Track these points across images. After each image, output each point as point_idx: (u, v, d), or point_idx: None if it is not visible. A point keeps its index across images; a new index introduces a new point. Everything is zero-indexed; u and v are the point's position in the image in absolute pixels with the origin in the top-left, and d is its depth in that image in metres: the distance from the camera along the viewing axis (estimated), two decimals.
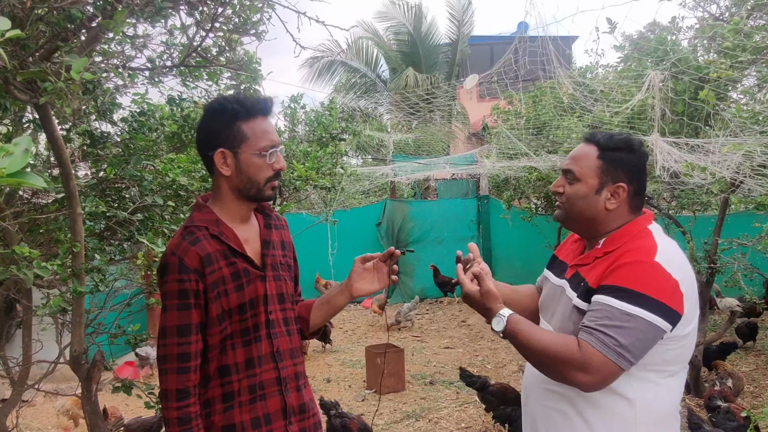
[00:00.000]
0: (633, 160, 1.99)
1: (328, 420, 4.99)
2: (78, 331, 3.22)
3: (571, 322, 1.93)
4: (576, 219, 2.05)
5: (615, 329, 1.74)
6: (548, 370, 1.87)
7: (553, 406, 1.99)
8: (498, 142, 10.35)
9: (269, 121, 2.09)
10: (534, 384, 2.09)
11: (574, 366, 1.76)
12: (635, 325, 1.74)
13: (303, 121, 8.01)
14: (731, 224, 6.81)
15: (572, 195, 2.02)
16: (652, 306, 1.75)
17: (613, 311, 1.76)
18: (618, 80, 6.82)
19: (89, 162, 3.79)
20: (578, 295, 1.93)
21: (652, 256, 1.82)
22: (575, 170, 2.02)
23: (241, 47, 3.34)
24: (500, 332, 1.90)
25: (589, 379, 1.76)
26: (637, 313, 1.74)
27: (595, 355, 1.73)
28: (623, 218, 1.99)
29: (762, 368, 6.99)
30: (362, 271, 2.26)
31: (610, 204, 1.97)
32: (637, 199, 2.01)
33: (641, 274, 1.79)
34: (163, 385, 1.98)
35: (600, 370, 1.74)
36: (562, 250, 2.28)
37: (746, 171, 4.73)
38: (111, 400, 6.01)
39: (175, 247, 2.00)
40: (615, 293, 1.79)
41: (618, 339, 1.73)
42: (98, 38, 2.61)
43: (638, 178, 1.99)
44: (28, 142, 0.98)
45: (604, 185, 1.97)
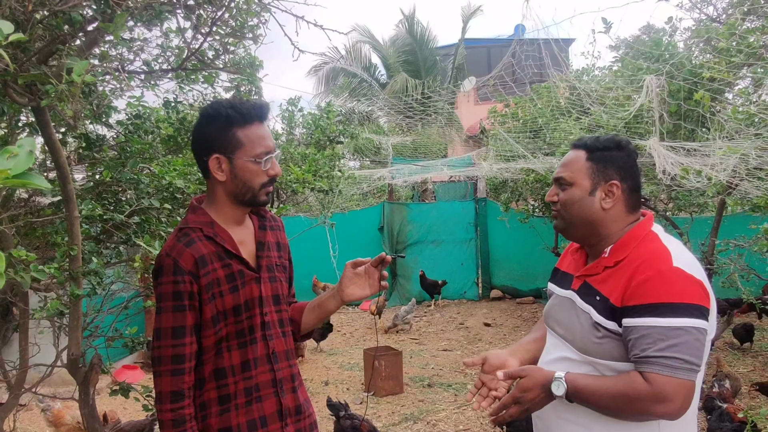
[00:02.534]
0: (623, 157, 1.98)
1: (337, 421, 4.97)
2: (75, 335, 3.22)
3: (592, 337, 1.88)
4: (575, 224, 2.01)
5: (673, 349, 1.70)
6: (626, 414, 1.81)
7: (569, 418, 1.94)
8: (495, 145, 10.36)
9: (265, 127, 2.09)
10: None
11: (652, 401, 1.71)
12: (688, 337, 1.70)
13: (300, 124, 8.02)
14: (728, 226, 6.83)
15: (567, 200, 2.00)
16: (692, 312, 1.72)
17: (661, 331, 1.72)
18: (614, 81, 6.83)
19: (85, 165, 3.79)
20: (599, 311, 1.87)
21: (669, 262, 1.79)
22: (566, 176, 2.01)
23: (242, 48, 3.35)
24: (563, 395, 1.85)
25: (672, 408, 1.70)
26: (684, 324, 1.71)
27: (667, 383, 1.69)
28: (622, 218, 1.97)
29: (759, 369, 7.00)
30: (353, 276, 2.25)
31: (606, 203, 1.95)
32: (633, 197, 1.98)
33: (669, 284, 1.76)
34: (157, 387, 1.98)
35: (678, 394, 1.70)
36: (563, 262, 2.24)
37: (741, 173, 4.74)
38: (109, 404, 6.01)
39: (169, 248, 2.00)
40: (654, 312, 1.74)
41: (681, 357, 1.70)
42: (97, 41, 2.62)
43: (631, 175, 1.98)
44: (32, 143, 0.99)
45: (597, 185, 1.96)
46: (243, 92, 3.68)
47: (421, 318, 11.23)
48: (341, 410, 5.02)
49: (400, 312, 10.23)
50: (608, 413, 1.85)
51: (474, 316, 11.09)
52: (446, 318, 11.18)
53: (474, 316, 11.16)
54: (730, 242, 6.05)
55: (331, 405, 5.15)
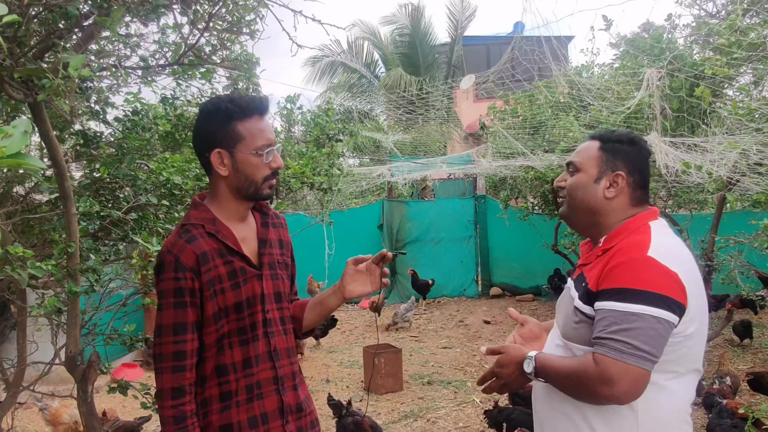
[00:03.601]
0: (633, 152, 2.01)
1: (339, 420, 4.96)
2: (73, 332, 3.20)
3: (573, 321, 1.91)
4: (578, 210, 2.04)
5: (623, 333, 1.71)
6: (580, 394, 1.83)
7: (558, 408, 1.96)
8: (495, 142, 10.34)
9: (265, 120, 2.08)
10: (540, 386, 2.07)
11: (597, 382, 1.72)
12: (643, 323, 1.70)
13: (299, 121, 8.00)
14: (728, 222, 6.82)
15: (573, 184, 2.04)
16: (653, 300, 1.71)
17: (617, 314, 1.73)
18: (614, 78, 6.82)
19: (83, 162, 3.77)
20: (579, 296, 1.92)
21: (644, 251, 1.79)
22: (576, 161, 2.05)
23: (239, 45, 3.33)
24: (532, 373, 1.91)
25: (616, 391, 1.70)
26: (640, 311, 1.71)
27: (613, 365, 1.70)
28: (624, 211, 1.98)
29: (759, 366, 6.99)
30: (354, 273, 2.24)
31: (609, 192, 1.97)
32: (638, 192, 2.00)
33: (635, 271, 1.77)
34: (158, 384, 1.98)
35: (623, 379, 1.69)
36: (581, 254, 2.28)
37: (742, 169, 4.73)
38: (108, 402, 6.00)
39: (171, 245, 2.00)
40: (614, 296, 1.76)
41: (630, 342, 1.69)
42: (93, 36, 2.60)
43: (639, 171, 2.00)
44: (27, 124, 0.97)
45: (603, 174, 1.99)
46: (241, 89, 3.66)
47: (421, 315, 11.22)
48: (342, 408, 5.01)
49: (400, 310, 10.23)
50: (568, 393, 1.88)
51: (473, 314, 11.08)
52: (446, 315, 11.17)
53: (474, 313, 11.16)
54: (730, 239, 6.04)
55: (332, 404, 5.14)
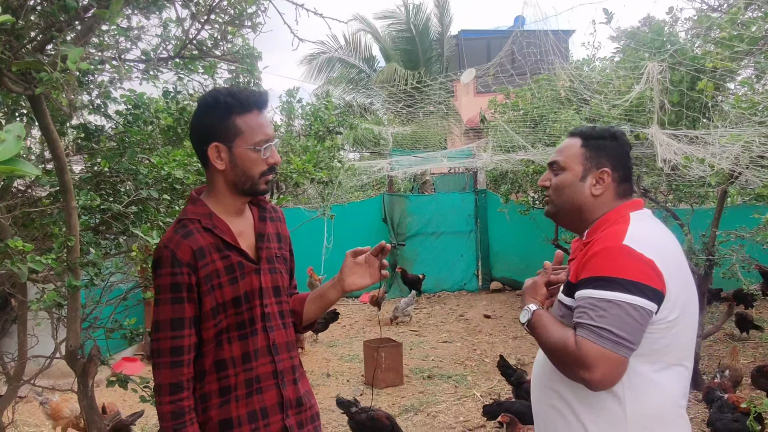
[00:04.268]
0: (616, 147, 2.04)
1: (351, 418, 4.96)
2: (74, 326, 3.20)
3: (558, 315, 1.96)
4: (565, 209, 2.06)
5: (601, 319, 1.73)
6: (558, 363, 1.86)
7: (550, 403, 1.99)
8: (495, 136, 10.32)
9: (264, 115, 2.07)
10: (537, 381, 2.10)
11: (575, 364, 1.74)
12: (618, 311, 1.72)
13: (300, 115, 7.99)
14: (729, 216, 6.81)
15: (558, 184, 2.06)
16: (628, 287, 1.74)
17: (594, 301, 1.76)
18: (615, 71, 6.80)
19: (84, 155, 3.76)
20: (563, 290, 1.97)
21: (620, 240, 1.82)
22: (560, 160, 2.07)
23: (241, 38, 3.32)
24: (524, 324, 1.95)
25: (593, 376, 1.72)
26: (616, 298, 1.73)
27: (591, 349, 1.71)
28: (609, 205, 2.01)
29: (760, 360, 6.99)
30: (354, 265, 2.23)
31: (596, 190, 1.99)
32: (623, 186, 2.03)
33: (611, 259, 1.79)
34: (156, 379, 1.98)
35: (601, 363, 1.71)
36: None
37: (745, 162, 4.72)
38: (109, 396, 6.00)
39: (167, 240, 1.99)
40: (591, 284, 1.80)
41: (607, 327, 1.71)
42: (93, 29, 2.58)
43: (623, 165, 2.03)
44: (20, 128, 0.96)
45: (588, 171, 2.01)
46: (242, 83, 3.65)
47: (421, 310, 11.23)
48: (352, 406, 5.01)
49: (401, 304, 10.23)
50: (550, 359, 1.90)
51: (474, 308, 11.09)
52: (446, 310, 11.18)
53: (474, 308, 11.16)
54: (732, 233, 6.03)
55: (341, 402, 5.13)
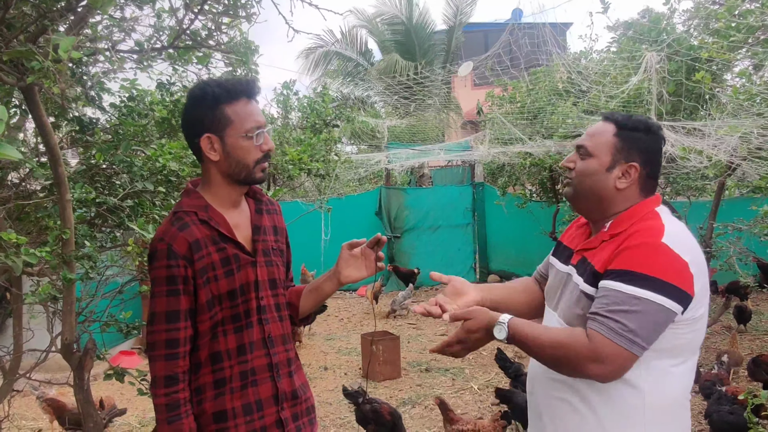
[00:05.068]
0: (649, 142, 1.94)
1: (357, 408, 4.97)
2: (69, 320, 3.18)
3: (578, 307, 1.87)
4: (584, 196, 1.98)
5: (623, 314, 1.68)
6: (561, 367, 1.81)
7: (558, 396, 1.93)
8: (493, 129, 10.31)
9: (254, 103, 2.05)
10: (539, 374, 2.04)
11: (587, 358, 1.70)
12: (644, 308, 1.68)
13: (296, 107, 7.97)
14: (726, 209, 6.82)
15: (583, 170, 1.97)
16: (660, 288, 1.68)
17: (620, 296, 1.71)
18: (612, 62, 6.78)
19: (79, 148, 3.74)
20: (585, 279, 1.88)
21: (658, 237, 1.76)
22: (589, 146, 1.97)
23: (237, 30, 3.30)
24: (504, 340, 1.85)
25: (604, 370, 1.69)
26: (645, 296, 1.68)
27: (606, 345, 1.68)
28: (632, 200, 1.93)
29: (757, 352, 7.00)
30: (349, 258, 2.23)
31: (621, 183, 1.91)
32: (649, 182, 1.95)
33: (648, 256, 1.73)
34: (152, 372, 1.98)
35: (614, 360, 1.68)
36: (566, 235, 2.22)
37: (743, 154, 4.71)
38: (106, 390, 6.00)
39: (163, 233, 1.98)
40: (621, 277, 1.73)
41: (627, 324, 1.67)
42: (86, 19, 2.56)
43: (653, 161, 1.94)
44: (2, 112, 0.94)
45: (616, 163, 1.92)
46: (239, 74, 3.62)
47: (419, 303, 11.20)
48: (359, 397, 5.02)
49: (398, 297, 10.22)
50: (546, 363, 1.85)
51: None
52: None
53: None
54: (729, 225, 6.03)
55: (348, 393, 5.13)
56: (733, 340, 6.07)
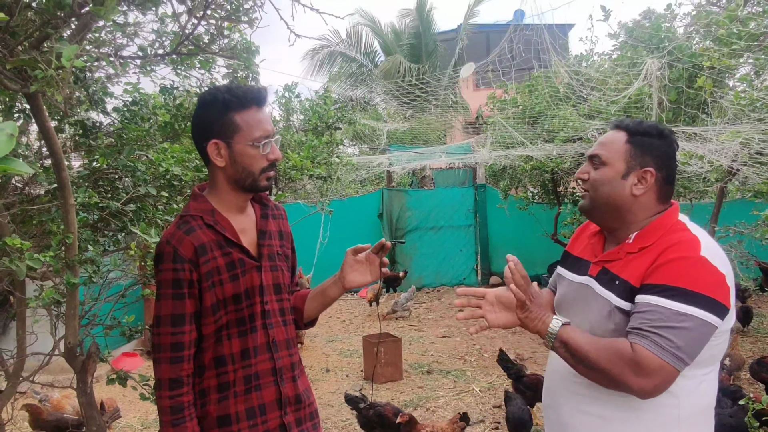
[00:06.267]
0: (663, 146, 1.92)
1: (359, 413, 4.96)
2: (72, 323, 3.20)
3: (611, 322, 1.83)
4: (601, 206, 1.96)
5: (669, 330, 1.66)
6: (601, 377, 1.77)
7: (587, 410, 1.91)
8: (494, 132, 10.32)
9: (263, 111, 2.06)
10: (561, 387, 2.01)
11: (630, 371, 1.68)
12: (690, 324, 1.66)
13: (298, 110, 7.98)
14: (727, 212, 6.82)
15: (598, 180, 1.95)
16: (704, 303, 1.67)
17: (665, 312, 1.68)
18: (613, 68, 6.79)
19: (82, 152, 3.75)
20: (618, 294, 1.84)
21: (697, 251, 1.74)
22: (602, 154, 1.95)
23: (239, 33, 3.31)
24: (552, 335, 1.83)
25: (648, 385, 1.68)
26: (691, 312, 1.67)
27: (651, 359, 1.66)
28: (651, 207, 1.91)
29: (758, 355, 7.00)
30: (354, 263, 2.24)
31: (637, 189, 1.89)
32: (666, 188, 1.93)
33: (690, 271, 1.71)
34: (156, 374, 1.99)
35: (657, 374, 1.67)
36: (576, 246, 2.19)
37: (744, 159, 4.71)
38: (109, 392, 6.01)
39: (170, 236, 2.00)
40: (664, 293, 1.71)
41: (674, 341, 1.66)
42: (89, 26, 2.57)
43: (668, 166, 1.92)
44: (12, 127, 0.95)
45: (631, 170, 1.90)
46: (240, 78, 3.63)
47: (421, 305, 11.24)
48: (360, 402, 5.01)
49: (400, 299, 10.24)
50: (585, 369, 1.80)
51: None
52: (445, 305, 11.19)
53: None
54: (730, 229, 6.03)
55: (349, 399, 5.13)
56: (734, 343, 6.07)
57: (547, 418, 2.13)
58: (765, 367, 5.42)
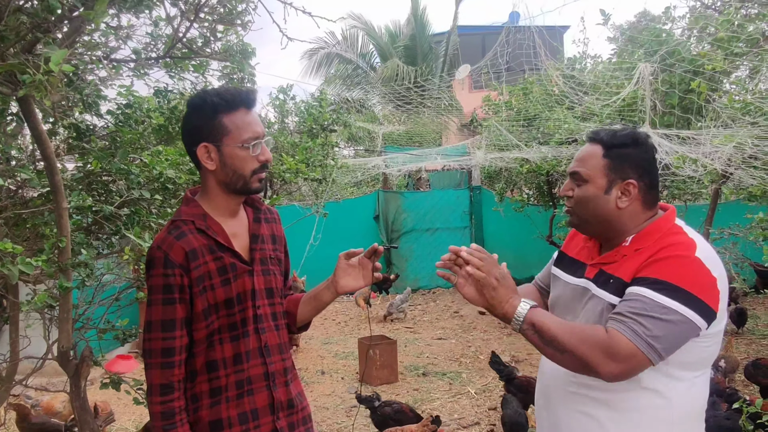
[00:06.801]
0: (640, 154, 1.93)
1: (374, 412, 4.97)
2: (65, 327, 3.19)
3: (603, 320, 1.83)
4: (589, 222, 1.98)
5: (649, 319, 1.67)
6: (570, 359, 1.75)
7: (582, 410, 1.91)
8: (489, 135, 10.33)
9: (252, 113, 2.06)
10: (556, 387, 2.01)
11: (601, 353, 1.68)
12: (672, 318, 1.67)
13: (293, 112, 7.97)
14: (722, 213, 6.83)
15: (582, 197, 1.96)
16: (690, 302, 1.68)
17: (649, 302, 1.70)
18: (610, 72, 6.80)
19: (75, 155, 3.74)
20: (612, 292, 1.85)
21: (692, 251, 1.76)
22: (582, 171, 1.96)
23: (234, 35, 3.31)
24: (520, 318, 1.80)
25: (615, 368, 1.68)
26: (674, 307, 1.68)
27: (623, 343, 1.66)
28: (639, 215, 1.93)
29: (753, 356, 7.01)
30: (347, 267, 2.25)
31: (622, 202, 1.91)
32: (650, 194, 1.93)
33: (681, 269, 1.73)
34: (148, 380, 1.99)
35: (627, 360, 1.67)
36: (571, 247, 2.19)
37: (737, 163, 4.72)
38: (102, 395, 5.99)
39: (160, 241, 1.99)
40: (652, 285, 1.72)
41: (651, 329, 1.66)
42: (80, 29, 2.57)
43: (649, 173, 1.93)
44: None
45: (613, 184, 1.92)
46: (235, 80, 3.63)
47: (416, 307, 11.23)
48: (374, 401, 5.01)
49: (395, 301, 10.23)
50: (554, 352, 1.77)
51: (468, 305, 11.08)
52: (441, 307, 11.19)
53: (469, 304, 11.12)
54: (725, 231, 6.04)
55: (362, 399, 5.12)
56: (729, 345, 6.08)
57: (539, 418, 2.13)
58: (761, 369, 5.42)
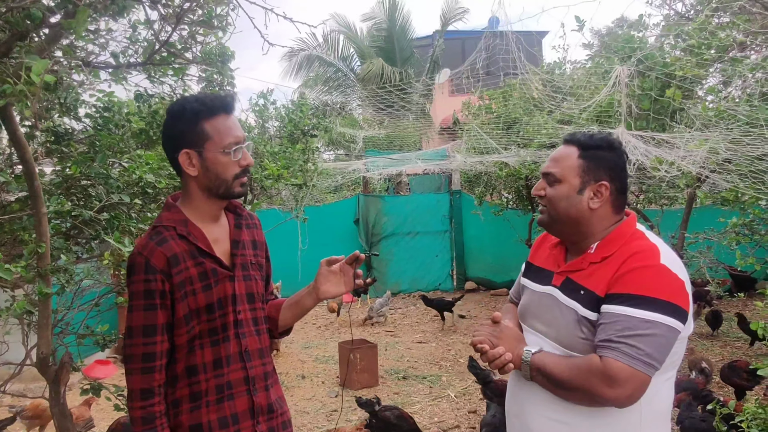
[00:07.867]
0: (614, 158, 1.98)
1: (374, 416, 4.96)
2: (45, 333, 3.16)
3: (580, 331, 1.87)
4: (560, 221, 2.01)
5: (637, 338, 1.71)
6: (578, 395, 1.82)
7: (555, 418, 1.93)
8: (469, 139, 10.39)
9: (232, 118, 2.07)
10: (526, 394, 2.03)
11: (602, 383, 1.73)
12: (656, 331, 1.72)
13: (273, 116, 7.96)
14: (697, 218, 6.94)
15: (554, 196, 1.99)
16: (668, 310, 1.73)
17: (632, 320, 1.73)
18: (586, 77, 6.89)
19: (54, 159, 3.72)
20: (584, 305, 1.88)
21: (657, 259, 1.81)
22: (555, 172, 1.99)
23: (214, 38, 3.30)
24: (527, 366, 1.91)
25: (621, 394, 1.72)
26: (657, 319, 1.72)
27: (621, 369, 1.70)
28: (608, 218, 1.97)
29: (728, 358, 7.12)
30: (328, 274, 2.26)
31: (594, 203, 1.95)
32: (620, 198, 1.98)
33: (651, 279, 1.77)
34: (128, 385, 1.99)
35: (629, 383, 1.71)
36: (537, 256, 2.22)
37: (712, 166, 4.80)
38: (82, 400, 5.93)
39: (142, 247, 1.99)
40: (629, 301, 1.76)
41: (643, 348, 1.71)
42: (60, 36, 2.56)
43: (620, 177, 1.98)
44: None
45: (586, 184, 1.95)
46: (214, 85, 3.62)
47: (396, 310, 11.25)
48: (375, 405, 5.01)
49: (375, 304, 10.24)
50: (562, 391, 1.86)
51: None
52: (421, 310, 11.21)
53: None
54: (700, 235, 6.14)
55: (362, 403, 5.11)
56: (691, 353, 6.15)
57: (510, 425, 2.15)
58: (736, 371, 5.51)
